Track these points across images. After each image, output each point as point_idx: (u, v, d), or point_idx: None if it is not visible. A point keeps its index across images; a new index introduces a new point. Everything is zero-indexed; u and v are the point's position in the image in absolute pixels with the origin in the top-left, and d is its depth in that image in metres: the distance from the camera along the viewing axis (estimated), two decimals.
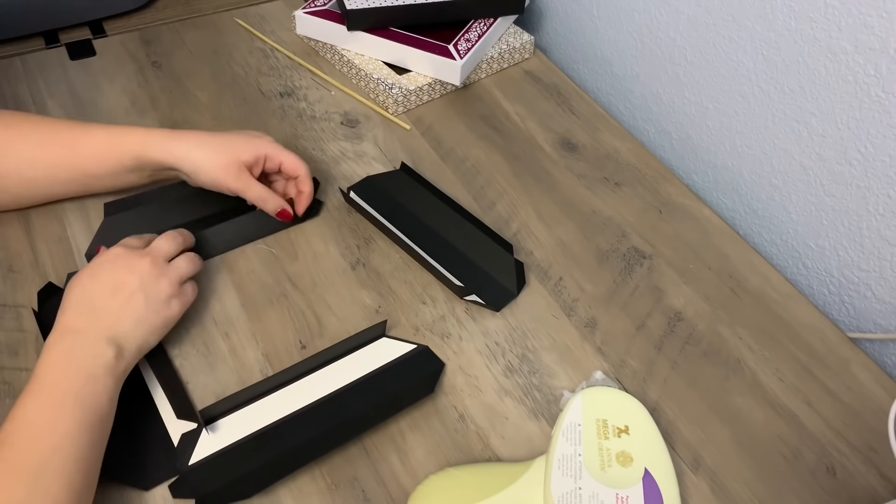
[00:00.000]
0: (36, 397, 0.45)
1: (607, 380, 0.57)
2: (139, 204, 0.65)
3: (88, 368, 0.47)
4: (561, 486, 0.48)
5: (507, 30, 0.89)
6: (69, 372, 0.46)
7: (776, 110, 0.68)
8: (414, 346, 0.58)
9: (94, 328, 0.49)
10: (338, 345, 0.56)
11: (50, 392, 0.45)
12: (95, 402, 0.46)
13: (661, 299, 0.65)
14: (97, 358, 0.48)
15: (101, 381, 0.47)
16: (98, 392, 0.47)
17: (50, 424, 0.44)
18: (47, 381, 0.46)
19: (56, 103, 0.76)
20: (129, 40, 0.86)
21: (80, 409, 0.45)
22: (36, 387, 0.46)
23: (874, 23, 0.57)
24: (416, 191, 0.70)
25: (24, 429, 0.44)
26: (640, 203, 0.73)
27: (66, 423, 0.44)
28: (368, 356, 0.56)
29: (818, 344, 0.62)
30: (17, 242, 0.63)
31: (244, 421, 0.52)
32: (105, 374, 0.48)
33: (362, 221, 0.68)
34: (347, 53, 0.83)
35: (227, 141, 0.61)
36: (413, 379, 0.55)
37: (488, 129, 0.80)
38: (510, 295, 0.63)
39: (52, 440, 0.43)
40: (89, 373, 0.47)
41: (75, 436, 0.44)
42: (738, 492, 0.53)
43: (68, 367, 0.47)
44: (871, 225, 0.63)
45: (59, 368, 0.47)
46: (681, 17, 0.75)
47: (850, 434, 0.57)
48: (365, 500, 0.50)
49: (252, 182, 0.61)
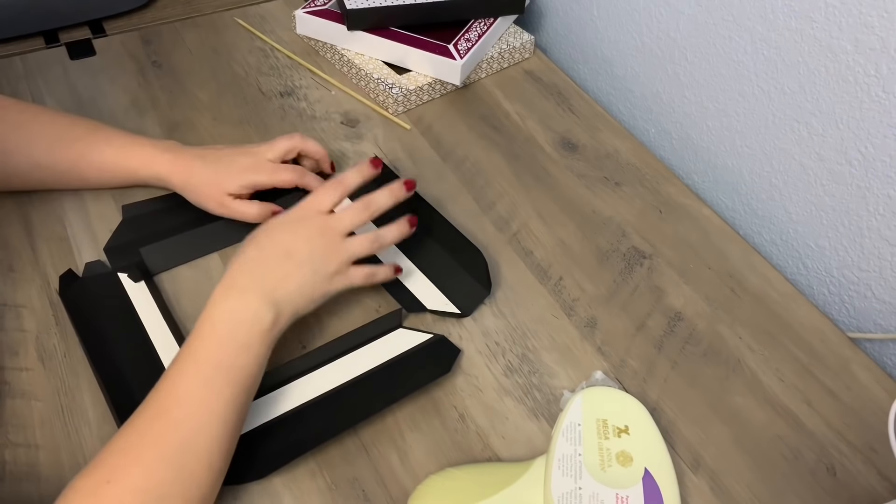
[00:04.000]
0: (192, 365, 0.46)
1: (607, 380, 0.57)
2: (156, 206, 0.66)
3: (245, 336, 0.48)
4: (561, 486, 0.48)
5: (507, 29, 0.89)
6: (227, 339, 0.48)
7: (776, 110, 0.68)
8: (430, 336, 0.58)
9: (258, 288, 0.50)
10: (355, 333, 0.58)
11: (205, 364, 0.46)
12: (246, 375, 0.48)
13: (661, 299, 0.65)
14: (256, 323, 0.49)
15: (254, 350, 0.48)
16: (250, 364, 0.48)
17: (202, 402, 0.45)
18: (204, 348, 0.47)
19: (56, 103, 0.76)
20: (129, 40, 0.86)
21: (230, 386, 0.46)
22: (193, 352, 0.47)
23: (874, 23, 0.57)
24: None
25: (177, 402, 0.45)
26: (640, 203, 0.73)
27: (216, 402, 0.46)
28: (386, 346, 0.58)
29: (818, 344, 0.62)
30: (17, 242, 0.63)
31: (264, 408, 0.53)
32: (259, 341, 0.49)
33: None
34: (347, 53, 0.83)
35: (219, 173, 0.62)
36: (430, 363, 0.56)
37: (488, 128, 0.80)
38: (481, 296, 0.62)
39: (202, 419, 0.45)
40: (245, 341, 0.48)
41: (223, 413, 0.46)
42: (738, 492, 0.53)
43: (226, 331, 0.48)
44: (871, 225, 0.63)
45: (218, 332, 0.48)
46: (681, 16, 0.75)
47: (850, 434, 0.57)
48: (365, 500, 0.50)
49: (235, 205, 0.62)
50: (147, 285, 0.60)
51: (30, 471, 0.50)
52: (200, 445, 0.44)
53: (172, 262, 0.63)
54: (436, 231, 0.66)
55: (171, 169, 0.62)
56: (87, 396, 0.54)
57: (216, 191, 0.62)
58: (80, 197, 0.66)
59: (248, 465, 0.50)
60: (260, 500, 0.50)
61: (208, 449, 0.44)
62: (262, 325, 0.49)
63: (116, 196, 0.66)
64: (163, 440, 0.43)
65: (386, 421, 0.54)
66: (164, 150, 0.63)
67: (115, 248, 0.63)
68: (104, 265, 0.62)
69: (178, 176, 0.63)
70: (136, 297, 0.59)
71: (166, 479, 0.42)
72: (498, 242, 0.68)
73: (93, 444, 0.51)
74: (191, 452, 0.44)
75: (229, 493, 0.49)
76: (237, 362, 0.48)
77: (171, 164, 0.63)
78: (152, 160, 0.63)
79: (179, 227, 0.64)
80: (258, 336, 0.49)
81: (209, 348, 0.47)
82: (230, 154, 0.64)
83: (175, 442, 0.44)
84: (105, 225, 0.65)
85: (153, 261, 0.62)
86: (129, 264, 0.61)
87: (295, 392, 0.54)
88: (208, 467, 0.44)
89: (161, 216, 0.65)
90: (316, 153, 0.67)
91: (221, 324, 0.48)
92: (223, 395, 0.46)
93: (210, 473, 0.44)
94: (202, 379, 0.46)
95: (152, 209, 0.65)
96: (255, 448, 0.51)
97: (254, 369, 0.49)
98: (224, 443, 0.46)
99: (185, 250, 0.63)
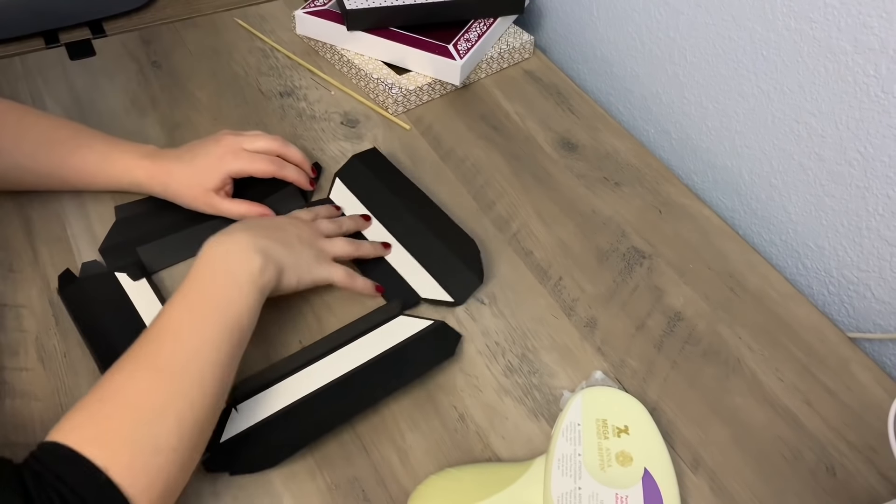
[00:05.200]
0: (183, 300, 0.49)
1: (607, 380, 0.57)
2: (149, 206, 0.66)
3: (234, 273, 0.50)
4: (561, 486, 0.48)
5: (507, 30, 0.89)
6: (217, 276, 0.50)
7: (776, 110, 0.68)
8: (431, 322, 0.59)
9: (248, 237, 0.53)
10: (356, 322, 0.59)
11: (196, 297, 0.49)
12: (237, 311, 0.49)
13: (660, 299, 0.65)
14: (245, 263, 0.51)
15: (244, 290, 0.50)
16: (240, 301, 0.50)
17: (193, 328, 0.47)
18: (196, 286, 0.49)
19: (56, 103, 0.76)
20: (128, 40, 0.86)
21: (222, 317, 0.48)
22: (185, 290, 0.49)
23: (874, 23, 0.57)
24: (370, 182, 0.70)
25: (170, 330, 0.47)
26: (639, 203, 0.73)
27: (208, 329, 0.47)
28: (387, 333, 0.58)
29: (818, 344, 0.62)
30: (17, 242, 0.63)
31: (269, 399, 0.53)
32: (249, 282, 0.51)
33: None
34: (347, 53, 0.83)
35: (196, 170, 0.63)
36: (432, 349, 0.57)
37: (488, 128, 0.80)
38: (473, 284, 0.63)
39: (193, 343, 0.46)
40: (235, 279, 0.50)
41: (216, 341, 0.47)
42: (737, 492, 0.53)
43: (217, 269, 0.50)
44: (871, 225, 0.63)
45: (209, 270, 0.50)
46: (681, 17, 0.75)
47: (850, 434, 0.57)
48: (365, 501, 0.50)
49: (223, 204, 0.63)
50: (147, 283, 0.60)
51: None
52: (193, 368, 0.46)
53: (169, 260, 0.63)
54: (430, 220, 0.66)
55: (150, 175, 0.62)
56: None
57: (199, 191, 0.62)
58: (80, 197, 0.66)
59: (252, 457, 0.50)
60: (260, 500, 0.50)
61: (200, 371, 0.46)
62: (250, 267, 0.51)
63: (116, 197, 0.66)
64: (156, 362, 0.45)
65: (386, 421, 0.54)
66: (142, 157, 0.62)
67: (110, 248, 0.63)
68: (101, 265, 0.62)
69: (157, 182, 0.62)
70: (136, 295, 0.59)
71: (159, 397, 0.44)
72: (498, 242, 0.68)
73: None
74: (184, 373, 0.45)
75: (229, 494, 0.50)
76: (227, 295, 0.49)
77: (149, 170, 0.62)
78: (132, 168, 0.62)
79: (174, 225, 0.64)
80: (247, 276, 0.51)
81: (200, 285, 0.49)
82: (206, 145, 0.64)
83: (166, 362, 0.45)
84: (105, 226, 0.65)
85: (150, 260, 0.62)
86: (126, 263, 0.61)
87: (298, 383, 0.54)
88: (201, 390, 0.45)
89: (154, 215, 0.65)
90: (296, 159, 0.68)
91: (212, 261, 0.51)
92: (215, 325, 0.48)
93: (203, 396, 0.45)
94: (193, 310, 0.48)
95: (145, 209, 0.65)
96: (260, 440, 0.51)
97: (244, 308, 0.50)
98: (217, 370, 0.47)
99: (182, 248, 0.63)
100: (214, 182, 0.62)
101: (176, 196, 0.63)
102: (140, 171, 0.62)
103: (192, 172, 0.62)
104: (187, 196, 0.63)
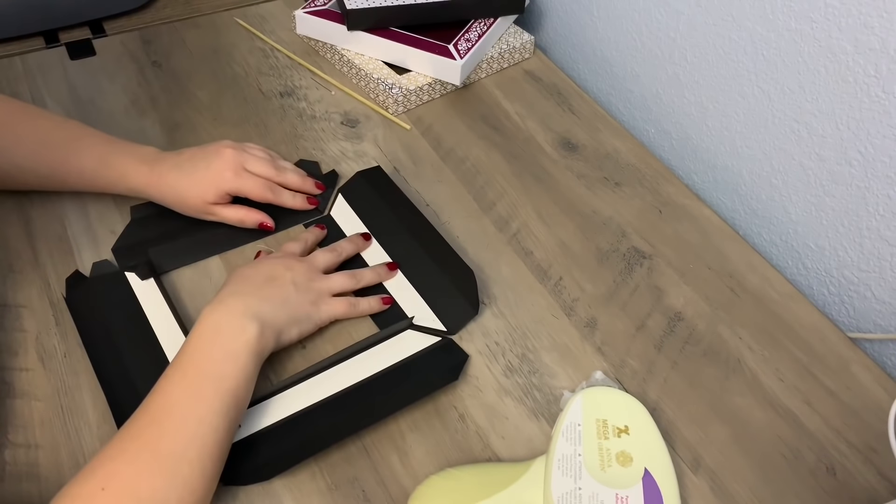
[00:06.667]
0: (181, 376, 0.48)
1: (607, 380, 0.57)
2: (163, 208, 0.65)
3: (230, 345, 0.50)
4: (561, 486, 0.48)
5: (507, 30, 0.89)
6: (214, 350, 0.49)
7: (776, 110, 0.68)
8: (438, 339, 0.58)
9: (243, 303, 0.52)
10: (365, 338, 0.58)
11: (193, 372, 0.48)
12: (233, 385, 0.48)
13: (661, 299, 0.65)
14: (240, 333, 0.50)
15: (240, 362, 0.49)
16: (236, 375, 0.49)
17: (191, 409, 0.46)
18: (192, 359, 0.48)
19: (56, 103, 0.76)
20: (129, 40, 0.86)
21: (218, 394, 0.47)
22: (182, 363, 0.48)
23: (874, 23, 0.57)
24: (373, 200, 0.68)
25: (168, 410, 0.46)
26: (640, 203, 0.73)
27: (205, 408, 0.47)
28: (394, 347, 0.58)
29: (818, 344, 0.62)
30: (17, 242, 0.63)
31: (271, 409, 0.53)
32: (245, 351, 0.50)
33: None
34: (347, 53, 0.83)
35: (194, 182, 0.62)
36: (437, 368, 0.56)
37: (488, 128, 0.80)
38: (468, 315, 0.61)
39: (192, 427, 0.46)
40: (230, 352, 0.49)
41: (213, 421, 0.46)
42: (738, 492, 0.53)
43: (213, 342, 0.49)
44: (871, 225, 0.63)
45: (206, 342, 0.49)
46: (681, 17, 0.75)
47: (850, 434, 0.57)
48: (365, 500, 0.50)
49: (220, 211, 0.63)
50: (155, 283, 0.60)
51: (30, 471, 0.50)
52: (192, 452, 0.45)
53: (180, 262, 0.63)
54: (429, 245, 0.64)
55: (147, 182, 0.61)
56: (87, 396, 0.54)
57: (196, 201, 0.62)
58: (80, 197, 0.66)
59: (253, 467, 0.50)
60: (260, 501, 0.50)
61: (199, 456, 0.45)
62: (246, 336, 0.50)
63: (117, 197, 0.66)
64: (155, 447, 0.44)
65: (386, 422, 0.54)
66: (141, 162, 0.61)
67: (123, 248, 0.63)
68: (111, 265, 0.62)
69: (154, 189, 0.62)
70: (144, 295, 0.59)
71: (161, 485, 0.43)
72: (498, 242, 0.68)
73: (93, 444, 0.51)
74: (183, 459, 0.44)
75: (230, 495, 0.50)
76: (223, 371, 0.48)
77: (147, 177, 0.61)
78: (129, 173, 0.61)
79: (187, 227, 0.64)
80: (243, 346, 0.50)
81: (196, 358, 0.48)
82: (207, 156, 0.62)
83: (167, 449, 0.44)
84: (105, 226, 0.65)
85: (161, 261, 0.62)
86: (136, 263, 0.61)
87: (302, 394, 0.54)
88: (201, 473, 0.45)
89: (169, 216, 0.64)
90: (293, 185, 0.66)
91: (207, 334, 0.50)
92: (212, 404, 0.47)
93: (203, 479, 0.45)
94: (190, 387, 0.47)
95: (160, 210, 0.65)
96: (262, 450, 0.51)
97: (241, 380, 0.49)
98: (215, 450, 0.46)
99: (193, 251, 0.63)
100: (211, 197, 0.62)
101: (172, 205, 0.63)
102: (137, 178, 0.61)
103: (189, 184, 0.61)
104: (183, 206, 0.63)
